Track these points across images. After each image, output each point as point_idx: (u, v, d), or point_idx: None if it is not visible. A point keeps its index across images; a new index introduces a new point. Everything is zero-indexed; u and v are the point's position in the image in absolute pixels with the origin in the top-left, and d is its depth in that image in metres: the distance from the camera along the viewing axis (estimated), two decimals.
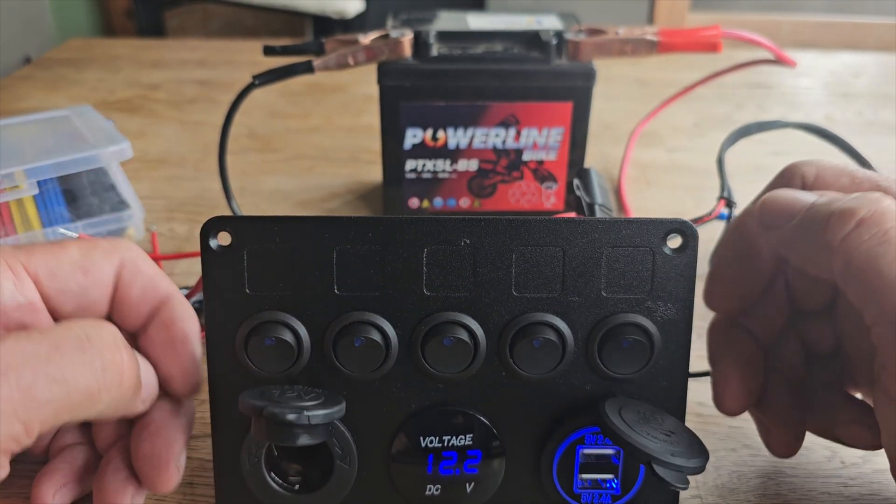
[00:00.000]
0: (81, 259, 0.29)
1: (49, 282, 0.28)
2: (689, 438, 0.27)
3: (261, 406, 0.25)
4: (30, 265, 0.28)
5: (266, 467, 0.30)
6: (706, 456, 0.26)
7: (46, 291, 0.28)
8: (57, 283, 0.28)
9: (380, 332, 0.29)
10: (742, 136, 0.52)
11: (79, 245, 0.29)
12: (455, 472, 0.30)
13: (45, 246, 0.28)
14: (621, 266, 0.29)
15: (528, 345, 0.28)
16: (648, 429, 0.27)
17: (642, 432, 0.26)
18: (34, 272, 0.28)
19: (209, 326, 0.29)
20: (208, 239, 0.28)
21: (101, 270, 0.29)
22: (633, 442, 0.26)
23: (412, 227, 0.28)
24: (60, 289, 0.28)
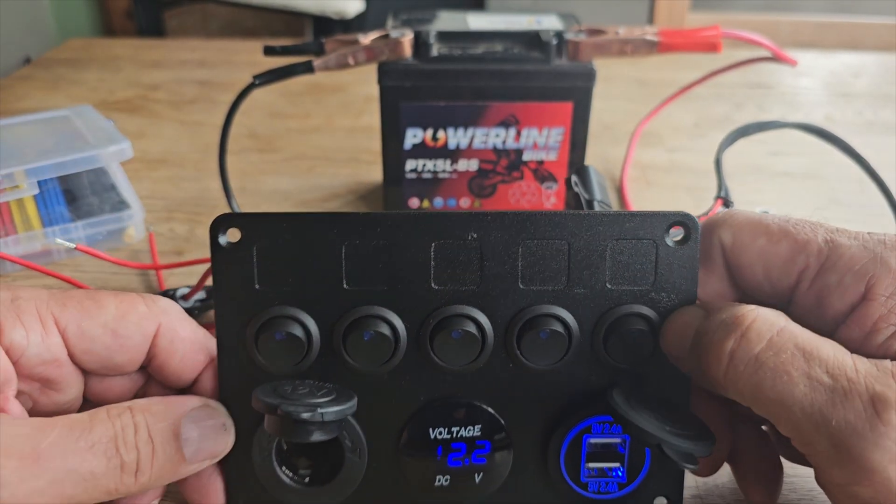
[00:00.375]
0: (113, 321, 0.28)
1: (77, 340, 0.27)
2: (696, 423, 0.28)
3: (275, 404, 0.25)
4: (60, 319, 0.27)
5: (276, 461, 0.30)
6: (713, 439, 0.27)
7: (73, 349, 0.27)
8: (84, 342, 0.27)
9: (388, 326, 0.29)
10: (741, 136, 0.52)
11: (116, 304, 0.28)
12: (464, 463, 0.30)
13: (80, 300, 0.28)
14: (625, 258, 0.29)
15: (534, 337, 0.29)
16: (656, 414, 0.27)
17: (651, 417, 0.27)
18: (63, 327, 0.27)
19: (219, 322, 0.29)
20: (217, 236, 0.29)
21: (132, 337, 0.28)
22: (642, 425, 0.26)
23: (420, 223, 0.29)
24: (87, 349, 0.28)
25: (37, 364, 0.27)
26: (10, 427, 0.24)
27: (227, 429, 0.29)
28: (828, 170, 0.63)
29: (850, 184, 0.60)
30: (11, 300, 0.27)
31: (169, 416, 0.27)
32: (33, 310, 0.27)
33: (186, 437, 0.27)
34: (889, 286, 0.25)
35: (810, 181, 0.61)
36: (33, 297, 0.27)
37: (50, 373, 0.27)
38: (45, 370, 0.27)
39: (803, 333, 0.25)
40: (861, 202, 0.58)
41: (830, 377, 0.24)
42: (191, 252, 0.51)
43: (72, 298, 0.28)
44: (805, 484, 0.34)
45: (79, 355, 0.28)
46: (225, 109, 0.48)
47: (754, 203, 0.56)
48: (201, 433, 0.28)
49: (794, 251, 0.27)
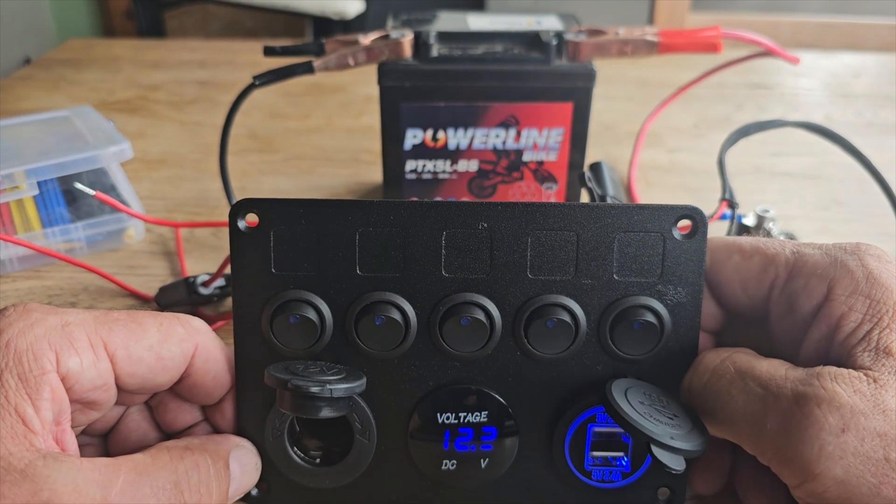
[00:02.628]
0: (158, 345, 0.28)
1: (124, 364, 0.28)
2: (691, 422, 0.28)
3: (286, 379, 0.26)
4: (109, 344, 0.27)
5: (288, 441, 0.31)
6: (706, 440, 0.27)
7: (119, 372, 0.28)
8: (131, 366, 0.28)
9: (399, 312, 0.30)
10: (741, 136, 0.52)
11: (157, 327, 0.29)
12: (470, 448, 0.31)
13: (125, 322, 0.28)
14: (633, 250, 0.30)
15: (542, 325, 0.29)
16: (652, 411, 0.27)
17: (645, 414, 0.27)
18: (112, 352, 0.28)
19: (237, 305, 0.30)
20: (237, 220, 0.30)
21: (174, 358, 0.29)
22: (633, 423, 0.26)
23: (432, 212, 0.29)
24: (133, 372, 0.28)
25: (88, 390, 0.27)
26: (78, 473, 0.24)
27: (257, 468, 0.30)
28: (829, 170, 0.63)
29: (852, 184, 0.60)
30: (62, 326, 0.27)
31: (221, 456, 0.28)
32: (84, 335, 0.27)
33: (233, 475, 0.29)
34: (848, 286, 0.27)
35: (811, 181, 0.61)
36: (82, 322, 0.27)
37: (97, 396, 0.28)
38: (94, 395, 0.28)
39: (743, 357, 0.28)
40: (862, 202, 0.58)
41: (762, 388, 0.26)
42: (191, 252, 0.51)
43: (117, 322, 0.28)
44: None
45: (124, 378, 0.28)
46: (225, 110, 0.48)
47: (756, 203, 0.56)
48: (242, 472, 0.29)
49: (765, 264, 0.30)
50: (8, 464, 0.23)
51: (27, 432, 0.25)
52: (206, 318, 0.44)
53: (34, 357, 0.26)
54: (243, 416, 0.31)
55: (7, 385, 0.25)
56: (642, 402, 0.28)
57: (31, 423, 0.25)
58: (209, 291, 0.44)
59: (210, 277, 0.44)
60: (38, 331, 0.26)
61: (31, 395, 0.25)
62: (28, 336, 0.26)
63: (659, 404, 0.28)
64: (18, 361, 0.25)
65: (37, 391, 0.25)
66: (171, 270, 0.49)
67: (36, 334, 0.26)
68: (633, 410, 0.27)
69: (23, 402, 0.25)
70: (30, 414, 0.25)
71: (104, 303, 0.46)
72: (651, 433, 0.26)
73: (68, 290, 0.47)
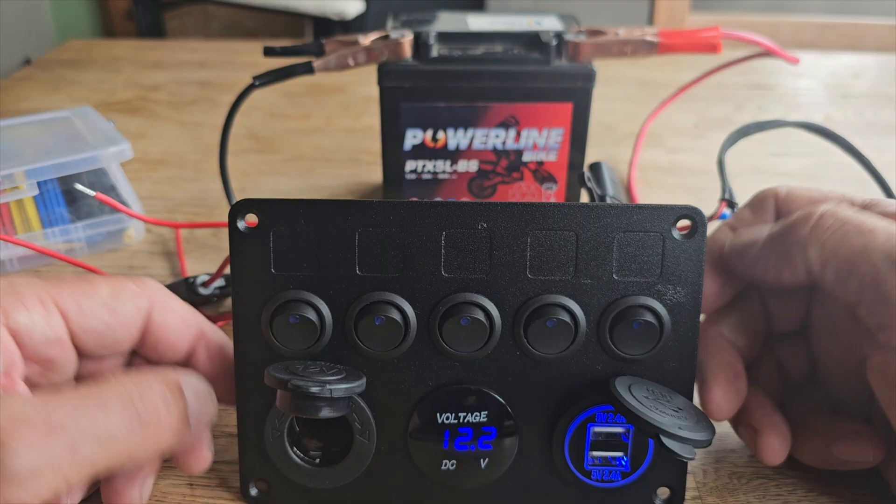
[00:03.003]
0: (110, 299, 0.29)
1: (77, 318, 0.28)
2: (696, 414, 0.28)
3: (285, 379, 0.26)
4: (60, 300, 0.28)
5: (288, 441, 0.31)
6: (713, 430, 0.27)
7: (73, 328, 0.28)
8: (84, 320, 0.28)
9: (399, 312, 0.30)
10: (741, 136, 0.52)
11: (108, 283, 0.29)
12: (470, 448, 0.31)
13: (74, 281, 0.29)
14: (632, 250, 0.30)
15: (541, 325, 0.29)
16: (657, 404, 0.28)
17: (651, 407, 0.27)
18: (63, 307, 0.28)
19: (236, 305, 0.30)
20: (236, 220, 0.30)
21: (128, 312, 0.29)
22: (641, 415, 0.26)
23: (432, 211, 0.29)
24: (87, 326, 0.28)
25: (41, 345, 0.27)
26: (19, 404, 0.24)
27: (212, 396, 0.29)
28: (829, 171, 0.63)
29: (852, 184, 0.60)
30: (10, 285, 0.27)
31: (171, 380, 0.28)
32: (32, 292, 0.27)
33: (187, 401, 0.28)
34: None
35: (811, 182, 0.61)
36: (30, 283, 0.28)
37: (52, 353, 0.28)
38: (48, 351, 0.28)
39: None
40: None
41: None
42: (191, 252, 0.51)
43: (65, 280, 0.28)
44: (805, 484, 0.33)
45: (79, 334, 0.28)
46: (225, 110, 0.48)
47: None
48: (196, 398, 0.28)
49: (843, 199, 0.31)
50: None
51: None
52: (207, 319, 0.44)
53: None
54: (243, 416, 0.31)
55: None
56: (647, 397, 0.28)
57: None
58: (209, 292, 0.44)
59: (210, 278, 0.44)
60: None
61: None
62: None
63: (663, 399, 0.29)
64: None
65: None
66: (171, 271, 0.49)
67: None
68: (640, 404, 0.27)
69: None
70: None
71: None
72: (660, 424, 0.26)
73: None
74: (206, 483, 0.33)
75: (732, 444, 0.36)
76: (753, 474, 0.34)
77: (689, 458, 0.26)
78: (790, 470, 0.34)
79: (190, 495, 0.32)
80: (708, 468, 0.34)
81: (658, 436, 0.26)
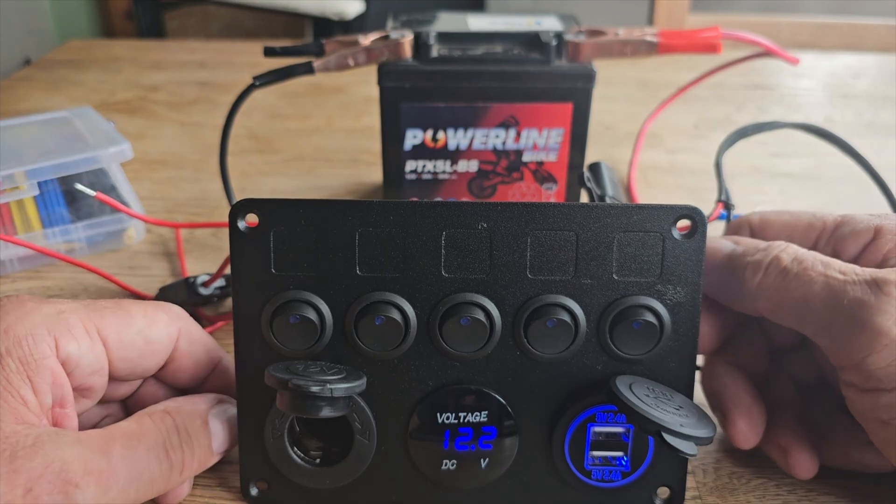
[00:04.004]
0: (145, 329, 0.30)
1: (116, 348, 0.29)
2: (697, 412, 0.28)
3: (286, 378, 0.27)
4: (102, 330, 0.29)
5: (289, 441, 0.31)
6: (714, 428, 0.27)
7: (112, 357, 0.29)
8: (122, 349, 0.29)
9: (399, 312, 0.30)
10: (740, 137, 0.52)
11: (143, 312, 0.30)
12: (470, 448, 0.31)
13: (114, 309, 0.29)
14: (632, 250, 0.30)
15: (541, 325, 0.29)
16: (658, 402, 0.28)
17: (652, 405, 0.27)
18: (105, 337, 0.29)
19: (236, 305, 0.30)
20: (237, 220, 0.30)
21: (161, 342, 0.30)
22: (643, 412, 0.26)
23: (432, 211, 0.29)
24: (124, 356, 0.29)
25: (87, 375, 0.28)
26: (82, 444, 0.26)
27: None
28: (828, 171, 0.63)
29: (851, 185, 0.60)
30: (58, 313, 0.28)
31: (199, 415, 0.30)
32: (79, 322, 0.28)
33: (214, 432, 0.30)
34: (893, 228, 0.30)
35: (811, 182, 0.61)
36: (75, 310, 0.28)
37: (93, 381, 0.29)
38: (90, 380, 0.28)
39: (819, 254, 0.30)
40: (861, 203, 0.58)
41: (842, 273, 0.28)
42: (191, 252, 0.51)
43: (106, 309, 0.29)
44: (805, 484, 0.34)
45: (116, 363, 0.29)
46: (225, 110, 0.48)
47: (755, 204, 0.56)
48: (223, 427, 0.30)
49: (813, 220, 0.33)
50: (17, 441, 0.25)
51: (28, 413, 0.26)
52: (207, 319, 0.44)
53: (34, 342, 0.27)
54: (244, 416, 0.31)
55: (8, 368, 0.26)
56: (647, 395, 0.28)
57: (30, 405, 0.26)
58: (209, 292, 0.44)
59: (210, 278, 0.44)
60: (36, 318, 0.27)
61: (31, 377, 0.26)
62: (26, 322, 0.27)
63: (663, 397, 0.29)
64: (18, 345, 0.26)
65: (37, 374, 0.26)
66: (171, 271, 0.49)
67: (34, 321, 0.27)
68: (641, 402, 0.27)
69: (24, 386, 0.26)
70: (30, 397, 0.26)
71: None
72: (662, 421, 0.26)
73: (68, 291, 0.47)
74: (206, 483, 0.33)
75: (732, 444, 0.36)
76: (753, 474, 0.34)
77: (691, 455, 0.26)
78: None
79: (190, 495, 0.32)
80: (708, 468, 0.34)
81: (660, 433, 0.26)
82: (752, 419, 0.32)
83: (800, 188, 0.60)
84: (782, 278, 0.29)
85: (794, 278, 0.29)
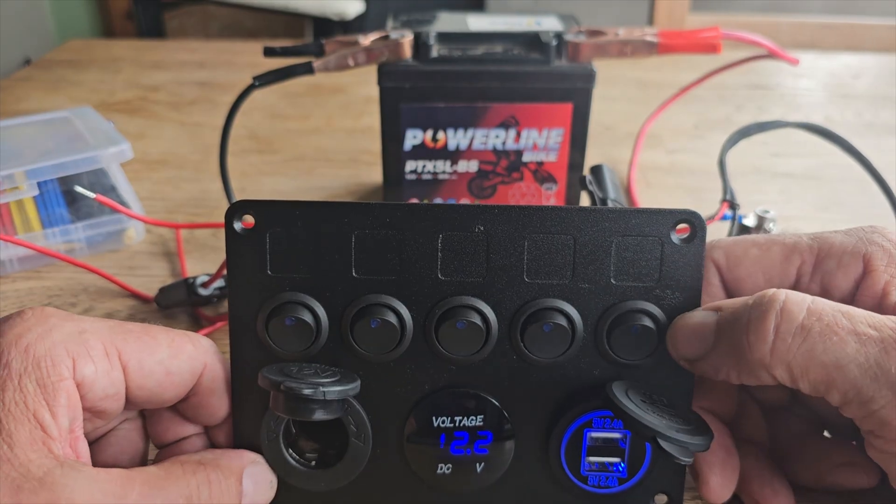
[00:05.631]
0: (168, 358, 0.28)
1: (136, 375, 0.28)
2: (693, 418, 0.28)
3: (279, 381, 0.26)
4: (123, 354, 0.27)
5: (284, 443, 0.31)
6: (711, 434, 0.27)
7: (130, 383, 0.28)
8: (142, 377, 0.28)
9: (395, 315, 0.29)
10: (742, 137, 0.52)
11: (168, 341, 0.29)
12: (466, 452, 0.31)
13: (138, 335, 0.28)
14: (630, 254, 0.29)
15: (538, 329, 0.29)
16: (654, 408, 0.27)
17: (648, 411, 0.27)
18: (125, 362, 0.27)
19: (232, 306, 0.30)
20: (233, 222, 0.29)
21: (182, 374, 0.29)
22: (639, 418, 0.26)
23: (428, 214, 0.29)
24: (142, 384, 0.28)
25: (100, 398, 0.27)
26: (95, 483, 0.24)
27: (272, 486, 0.30)
28: (829, 171, 0.63)
29: (852, 184, 0.60)
30: (79, 333, 0.27)
31: (234, 472, 0.28)
32: (100, 344, 0.27)
33: (245, 492, 0.28)
34: (883, 257, 0.28)
35: (812, 182, 0.61)
36: (98, 330, 0.27)
37: (107, 406, 0.28)
38: (104, 404, 0.27)
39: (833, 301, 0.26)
40: (862, 203, 0.58)
41: (875, 329, 0.24)
42: (191, 253, 0.51)
43: (131, 333, 0.28)
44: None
45: (134, 390, 0.28)
46: (225, 111, 0.48)
47: (756, 204, 0.56)
48: (255, 489, 0.29)
49: (787, 252, 0.29)
50: (27, 471, 0.23)
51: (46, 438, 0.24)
52: (206, 319, 0.44)
53: (52, 363, 0.25)
54: (239, 419, 0.31)
55: (26, 390, 0.25)
56: (644, 401, 0.28)
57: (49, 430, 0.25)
58: (209, 292, 0.44)
59: (210, 278, 0.44)
60: (56, 336, 0.26)
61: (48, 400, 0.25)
62: (46, 341, 0.26)
63: (660, 403, 0.28)
64: (37, 366, 0.25)
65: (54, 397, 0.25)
66: (171, 271, 0.49)
67: (54, 340, 0.26)
68: (637, 408, 0.27)
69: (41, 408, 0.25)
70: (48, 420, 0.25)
71: (104, 303, 0.46)
72: (658, 427, 0.26)
73: (68, 291, 0.47)
74: None
75: None
76: None
77: (686, 462, 0.26)
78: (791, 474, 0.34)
79: None
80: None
81: (655, 439, 0.26)
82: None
83: (800, 188, 0.60)
84: (802, 339, 0.25)
85: (818, 339, 0.25)
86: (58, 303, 0.46)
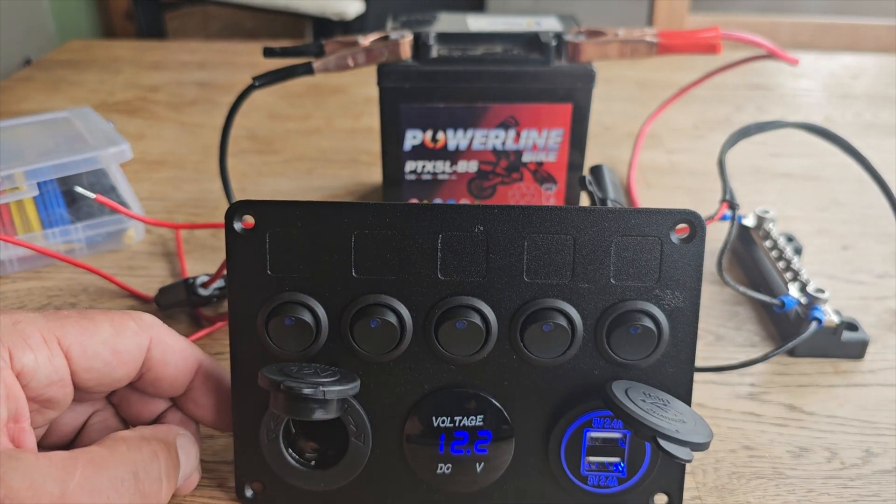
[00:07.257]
0: (111, 338, 0.28)
1: (79, 358, 0.28)
2: (693, 418, 0.28)
3: (278, 380, 0.27)
4: (63, 339, 0.27)
5: (284, 443, 0.31)
6: (710, 434, 0.27)
7: (75, 367, 0.28)
8: (87, 360, 0.28)
9: (395, 315, 0.30)
10: (742, 137, 0.52)
11: (109, 321, 0.29)
12: (466, 451, 0.31)
13: (76, 319, 0.28)
14: (630, 255, 0.29)
15: (538, 329, 0.29)
16: (654, 408, 0.28)
17: (648, 410, 0.27)
18: (66, 347, 0.27)
19: (232, 306, 0.30)
20: (233, 222, 0.30)
21: (128, 350, 0.29)
22: (639, 418, 0.26)
23: (428, 214, 0.29)
24: (88, 366, 0.28)
25: (45, 386, 0.27)
26: (35, 469, 0.24)
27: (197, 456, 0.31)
28: (828, 171, 0.63)
29: (851, 184, 0.60)
30: (13, 324, 0.27)
31: (171, 445, 0.29)
32: (37, 332, 0.27)
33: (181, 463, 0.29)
34: None
35: (811, 182, 0.61)
36: (33, 320, 0.27)
37: (53, 393, 0.27)
38: (50, 391, 0.27)
39: None
40: (861, 203, 0.58)
41: None
42: (191, 253, 0.51)
43: (68, 318, 0.28)
44: (805, 484, 0.34)
45: (80, 374, 0.28)
46: (225, 111, 0.48)
47: (755, 204, 0.56)
48: (187, 459, 0.30)
49: None
50: None
51: None
52: (206, 319, 0.44)
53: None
54: (239, 418, 0.31)
55: None
56: (644, 400, 0.28)
57: None
58: (209, 292, 0.44)
59: (209, 278, 0.44)
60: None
61: None
62: None
63: (660, 402, 0.28)
64: None
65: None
66: (170, 271, 0.49)
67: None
68: (637, 407, 0.27)
69: None
70: None
71: (104, 304, 0.46)
72: (657, 427, 0.26)
73: (68, 291, 0.47)
74: (201, 484, 0.33)
75: (732, 444, 0.36)
76: (753, 474, 0.34)
77: (686, 461, 0.26)
78: (790, 470, 0.34)
79: (184, 496, 0.32)
80: (707, 468, 0.34)
81: (655, 439, 0.26)
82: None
83: (800, 188, 0.60)
84: None
85: None
86: (57, 303, 0.46)
